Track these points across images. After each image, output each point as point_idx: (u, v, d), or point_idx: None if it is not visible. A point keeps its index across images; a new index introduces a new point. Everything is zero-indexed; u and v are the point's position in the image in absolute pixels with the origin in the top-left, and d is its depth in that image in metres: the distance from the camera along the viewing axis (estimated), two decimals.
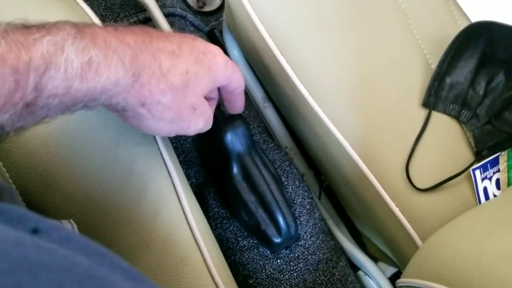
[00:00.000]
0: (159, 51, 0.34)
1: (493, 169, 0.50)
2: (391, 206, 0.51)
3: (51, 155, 0.42)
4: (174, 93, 0.35)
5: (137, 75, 0.32)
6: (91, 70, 0.29)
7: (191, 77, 0.36)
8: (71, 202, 0.41)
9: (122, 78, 0.31)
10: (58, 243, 0.21)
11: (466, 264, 0.37)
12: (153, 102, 0.34)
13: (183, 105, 0.36)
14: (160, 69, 0.34)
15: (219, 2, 0.81)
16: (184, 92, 0.36)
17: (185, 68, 0.35)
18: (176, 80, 0.35)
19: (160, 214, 0.43)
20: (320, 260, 0.56)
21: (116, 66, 0.30)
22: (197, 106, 0.38)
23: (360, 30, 0.52)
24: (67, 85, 0.28)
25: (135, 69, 0.32)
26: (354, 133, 0.51)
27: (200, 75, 0.37)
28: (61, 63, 0.27)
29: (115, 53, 0.30)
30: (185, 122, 0.38)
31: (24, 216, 0.22)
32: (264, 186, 0.51)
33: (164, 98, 0.34)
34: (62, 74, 0.27)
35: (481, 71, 0.53)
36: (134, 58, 0.32)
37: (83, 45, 0.28)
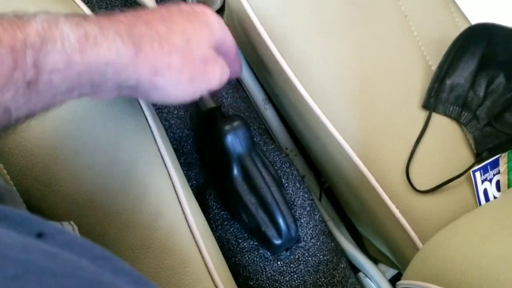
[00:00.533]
0: (151, 21, 0.34)
1: (493, 171, 0.50)
2: (391, 208, 0.51)
3: (52, 157, 0.42)
4: (180, 52, 0.35)
5: (138, 45, 0.32)
6: (89, 43, 0.29)
7: (191, 32, 0.36)
8: (71, 204, 0.41)
9: (123, 49, 0.31)
10: (62, 247, 0.21)
11: (466, 266, 0.37)
12: (164, 66, 0.34)
13: (193, 61, 0.36)
14: (158, 34, 0.34)
15: (219, 4, 0.81)
16: (189, 48, 0.36)
17: (182, 26, 0.36)
18: (177, 40, 0.35)
19: (161, 216, 0.43)
20: (321, 262, 0.56)
21: (114, 37, 0.30)
22: (207, 58, 0.38)
23: (360, 31, 0.53)
24: (67, 59, 0.28)
25: (133, 40, 0.32)
26: (354, 134, 0.51)
27: (198, 29, 0.37)
28: (56, 37, 0.27)
29: (110, 28, 0.31)
30: (203, 76, 0.37)
31: (28, 220, 0.22)
32: (265, 188, 0.51)
33: (173, 59, 0.35)
34: (59, 48, 0.28)
35: (481, 73, 0.53)
36: (129, 31, 0.32)
37: (76, 21, 0.29)
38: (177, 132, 0.60)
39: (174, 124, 0.60)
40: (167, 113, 0.60)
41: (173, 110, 0.60)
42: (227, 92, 0.63)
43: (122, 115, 0.45)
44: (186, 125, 0.60)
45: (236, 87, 0.65)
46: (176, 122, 0.60)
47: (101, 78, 0.31)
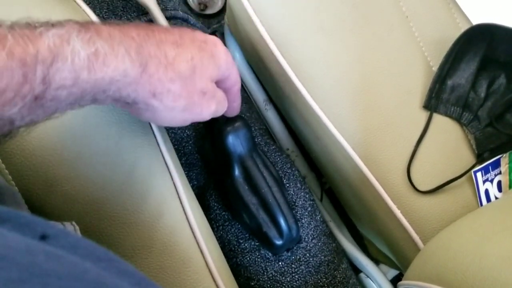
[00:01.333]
0: (162, 42, 0.34)
1: (494, 171, 0.50)
2: (393, 208, 0.51)
3: (54, 157, 0.42)
4: (183, 80, 0.35)
5: (144, 65, 0.32)
6: (99, 61, 0.29)
7: (197, 63, 0.36)
8: (73, 204, 0.42)
9: (130, 68, 0.31)
10: (66, 249, 0.21)
11: (467, 266, 0.37)
12: (164, 91, 0.34)
13: (193, 91, 0.37)
14: (166, 58, 0.34)
15: (220, 5, 0.81)
16: (192, 78, 0.36)
17: (190, 55, 0.36)
18: (182, 67, 0.35)
19: (162, 216, 0.44)
20: (322, 262, 0.56)
21: (123, 57, 0.31)
22: (206, 91, 0.38)
23: (361, 32, 0.53)
24: (75, 76, 0.28)
25: (141, 60, 0.32)
26: (355, 135, 0.51)
27: (205, 61, 0.37)
28: (67, 54, 0.27)
29: (121, 44, 0.31)
30: (197, 108, 0.38)
31: (32, 222, 0.22)
32: (266, 188, 0.51)
33: (174, 86, 0.35)
34: (69, 66, 0.28)
35: (482, 73, 0.53)
36: (139, 49, 0.32)
37: (88, 37, 0.29)
38: (178, 132, 0.60)
39: None
40: None
41: None
42: None
43: (124, 116, 0.45)
44: (187, 125, 0.60)
45: None
46: None
47: (103, 94, 0.31)
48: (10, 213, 0.22)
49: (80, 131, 0.43)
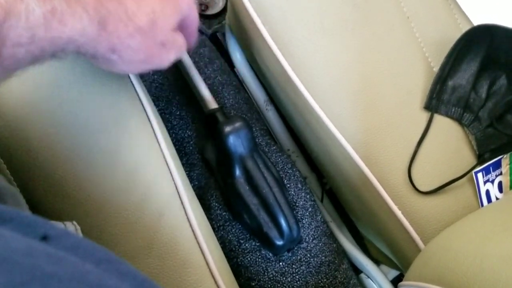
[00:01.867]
0: None
1: (495, 172, 0.50)
2: (393, 209, 0.51)
3: (55, 158, 0.42)
4: (143, 34, 0.35)
5: (103, 23, 0.32)
6: (55, 19, 0.28)
7: (158, 15, 0.36)
8: (74, 204, 0.42)
9: (88, 27, 0.31)
10: (67, 250, 0.21)
11: (468, 267, 0.37)
12: (123, 47, 0.34)
13: (152, 45, 0.36)
14: (126, 13, 0.33)
15: (221, 5, 0.81)
16: (153, 31, 0.36)
17: (151, 7, 0.35)
18: (143, 22, 0.34)
19: (163, 217, 0.44)
20: (322, 263, 0.56)
21: (81, 15, 0.30)
22: (166, 42, 0.38)
23: (362, 33, 0.53)
24: (31, 34, 0.27)
25: (100, 17, 0.31)
26: (356, 136, 0.51)
27: (166, 11, 0.36)
28: (21, 12, 0.27)
29: (78, 1, 0.30)
30: (156, 59, 0.38)
31: (34, 222, 0.22)
32: (267, 189, 0.51)
33: (133, 41, 0.34)
34: (23, 23, 0.27)
35: (483, 74, 0.53)
36: (98, 5, 0.31)
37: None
38: (179, 133, 0.60)
39: (177, 125, 0.60)
40: (169, 114, 0.61)
41: (175, 111, 0.61)
42: (229, 93, 0.63)
43: (125, 116, 0.45)
44: (188, 126, 0.60)
45: (238, 88, 0.65)
46: (179, 123, 0.60)
47: (62, 52, 0.31)
48: (12, 213, 0.22)
49: (81, 130, 0.43)
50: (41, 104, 0.42)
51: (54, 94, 0.43)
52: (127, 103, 0.46)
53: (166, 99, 0.61)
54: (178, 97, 0.61)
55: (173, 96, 0.61)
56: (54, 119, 0.42)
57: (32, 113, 0.42)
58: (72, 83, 0.44)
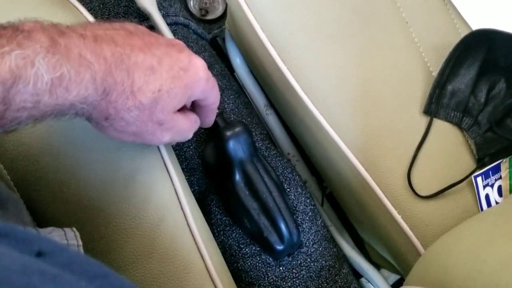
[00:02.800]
0: (135, 66, 0.33)
1: (495, 176, 0.50)
2: (393, 213, 0.51)
3: (55, 163, 0.42)
4: (141, 111, 0.34)
5: (106, 93, 0.31)
6: (61, 86, 0.28)
7: (163, 95, 0.35)
8: (74, 210, 0.42)
9: (91, 96, 0.30)
10: (62, 267, 0.21)
11: (468, 271, 0.37)
12: (117, 117, 0.34)
13: (148, 121, 0.36)
14: (131, 87, 0.33)
15: (221, 10, 0.81)
16: (152, 109, 0.35)
17: (159, 85, 0.34)
18: (145, 99, 0.34)
19: (163, 222, 0.44)
20: (323, 267, 0.56)
21: (87, 83, 0.30)
22: (164, 122, 0.37)
23: (361, 38, 0.53)
24: (36, 100, 0.27)
25: (105, 87, 0.31)
26: (355, 140, 0.51)
27: (173, 93, 0.35)
28: (30, 77, 0.26)
29: (88, 69, 0.29)
30: (148, 136, 0.37)
31: (29, 238, 0.22)
32: (267, 193, 0.51)
33: (129, 115, 0.34)
34: (30, 89, 0.27)
35: (482, 78, 0.53)
36: (106, 75, 0.31)
37: (55, 60, 0.28)
38: None
39: None
40: None
41: None
42: (229, 98, 0.63)
43: None
44: None
45: (238, 93, 0.65)
46: None
47: (62, 115, 0.31)
48: (7, 228, 0.22)
49: (81, 136, 0.43)
50: None
51: None
52: None
53: None
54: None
55: None
56: (54, 125, 0.43)
57: None
58: None
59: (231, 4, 0.56)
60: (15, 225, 0.23)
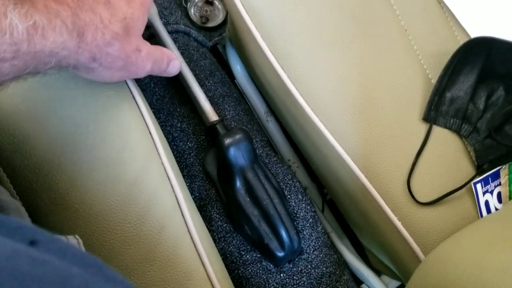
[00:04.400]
0: (96, 3, 0.35)
1: (494, 183, 0.51)
2: (393, 220, 0.51)
3: (57, 171, 0.42)
4: (120, 41, 0.36)
5: (81, 34, 0.33)
6: (38, 34, 0.29)
7: (129, 21, 0.37)
8: (76, 218, 0.42)
9: (68, 40, 0.32)
10: (55, 254, 0.22)
11: (468, 278, 0.37)
12: (102, 55, 0.36)
13: (130, 50, 0.38)
14: (102, 22, 0.35)
15: (222, 18, 0.82)
16: (127, 37, 0.37)
17: (122, 14, 0.37)
18: (117, 28, 0.36)
19: (164, 229, 0.44)
20: (324, 274, 0.56)
21: (60, 28, 0.31)
22: (141, 48, 0.39)
23: (360, 45, 0.53)
24: (15, 49, 0.28)
25: (78, 29, 0.33)
26: (355, 147, 0.52)
27: (135, 15, 0.38)
28: (6, 28, 0.28)
29: (57, 16, 0.31)
30: (133, 66, 0.40)
31: (23, 227, 0.22)
32: (267, 200, 0.52)
33: (112, 48, 0.36)
34: (8, 39, 0.28)
35: (481, 85, 0.53)
36: (75, 18, 0.32)
37: (25, 10, 0.29)
38: (180, 144, 0.61)
39: (177, 137, 0.61)
40: (170, 126, 0.61)
41: (176, 123, 0.61)
42: (230, 105, 0.64)
43: (126, 129, 0.46)
44: (189, 138, 0.61)
45: (238, 100, 0.66)
46: (179, 135, 0.61)
47: (44, 66, 0.32)
48: (1, 218, 0.22)
49: (82, 143, 0.44)
50: (43, 118, 0.43)
51: (56, 109, 0.44)
52: (128, 116, 0.47)
53: (167, 112, 0.61)
54: (179, 110, 0.61)
55: (174, 109, 0.62)
56: (56, 133, 0.43)
57: (34, 127, 0.43)
58: (73, 97, 0.45)
59: (232, 12, 0.56)
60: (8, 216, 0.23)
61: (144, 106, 0.48)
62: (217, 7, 0.82)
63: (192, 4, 0.81)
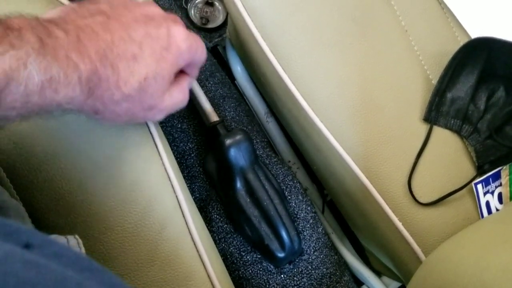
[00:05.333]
0: (118, 59, 0.33)
1: (495, 183, 0.51)
2: (394, 221, 0.51)
3: (57, 171, 0.42)
4: (129, 102, 0.34)
5: (92, 91, 0.32)
6: (51, 88, 0.29)
7: (150, 81, 0.35)
8: (76, 217, 0.42)
9: (78, 96, 0.31)
10: (49, 258, 0.21)
11: (468, 278, 0.37)
12: (107, 111, 0.34)
13: (139, 110, 0.36)
14: (117, 81, 0.33)
15: (222, 19, 0.82)
16: (141, 97, 0.35)
17: (145, 73, 0.34)
18: (132, 90, 0.34)
19: (165, 229, 0.44)
20: (324, 275, 0.56)
21: (74, 85, 0.30)
22: (155, 106, 0.37)
23: (361, 46, 0.53)
24: (26, 100, 0.28)
25: (91, 86, 0.31)
26: (356, 148, 0.52)
27: (160, 76, 0.35)
28: (23, 79, 0.27)
29: (75, 71, 0.30)
30: (140, 119, 0.38)
31: (18, 230, 0.22)
32: (268, 201, 0.52)
33: (119, 107, 0.34)
34: (22, 90, 0.27)
35: (482, 86, 0.53)
36: (92, 75, 0.31)
37: (45, 62, 0.28)
38: (181, 145, 0.61)
39: (178, 138, 0.61)
40: (171, 127, 0.61)
41: (177, 124, 0.61)
42: (230, 106, 0.64)
43: (127, 129, 0.46)
44: (190, 139, 0.61)
45: (239, 101, 0.66)
46: (180, 135, 0.61)
47: (49, 113, 0.31)
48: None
49: (83, 144, 0.44)
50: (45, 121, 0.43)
51: None
52: None
53: None
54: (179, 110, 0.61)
55: None
56: (57, 135, 0.43)
57: (36, 129, 0.43)
58: None
59: (232, 13, 0.56)
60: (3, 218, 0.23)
61: None
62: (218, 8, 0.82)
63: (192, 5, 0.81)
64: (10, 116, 0.28)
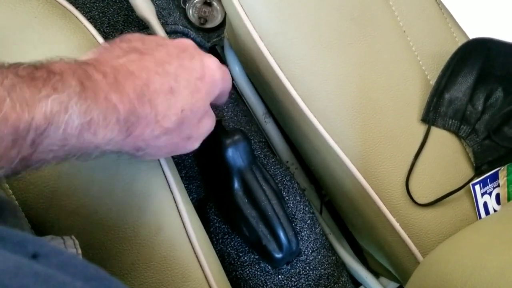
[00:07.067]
0: (156, 94, 0.33)
1: (493, 184, 0.51)
2: (392, 221, 0.51)
3: (54, 172, 0.42)
4: (169, 135, 0.35)
5: (131, 130, 0.32)
6: (89, 131, 0.28)
7: (187, 113, 0.35)
8: (72, 218, 0.42)
9: (116, 137, 0.31)
10: (57, 268, 0.21)
11: (466, 279, 0.37)
12: (148, 147, 0.34)
13: (178, 140, 0.36)
14: (156, 117, 0.33)
15: (220, 19, 0.82)
16: (180, 129, 0.35)
17: (181, 105, 0.34)
18: (170, 123, 0.34)
19: (162, 230, 0.44)
20: (322, 276, 0.56)
21: (113, 126, 0.30)
22: (192, 135, 0.38)
23: (359, 47, 0.53)
24: (64, 143, 0.28)
25: (129, 125, 0.31)
26: (354, 148, 0.52)
27: (196, 107, 0.36)
28: (62, 123, 0.27)
29: (114, 112, 0.30)
30: (180, 150, 0.38)
31: (25, 241, 0.22)
32: (265, 201, 0.51)
33: (159, 141, 0.34)
34: (60, 134, 0.27)
35: (480, 87, 0.53)
36: (130, 115, 0.31)
37: (86, 106, 0.28)
38: None
39: None
40: None
41: None
42: (228, 106, 0.64)
43: None
44: None
45: (236, 101, 0.66)
46: None
47: (88, 155, 0.31)
48: (3, 232, 0.22)
49: None
50: None
51: None
52: None
53: None
54: None
55: None
56: None
57: None
58: None
59: (230, 13, 0.56)
60: (11, 228, 0.23)
61: None
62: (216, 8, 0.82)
63: (190, 5, 0.81)
64: (47, 158, 0.28)
